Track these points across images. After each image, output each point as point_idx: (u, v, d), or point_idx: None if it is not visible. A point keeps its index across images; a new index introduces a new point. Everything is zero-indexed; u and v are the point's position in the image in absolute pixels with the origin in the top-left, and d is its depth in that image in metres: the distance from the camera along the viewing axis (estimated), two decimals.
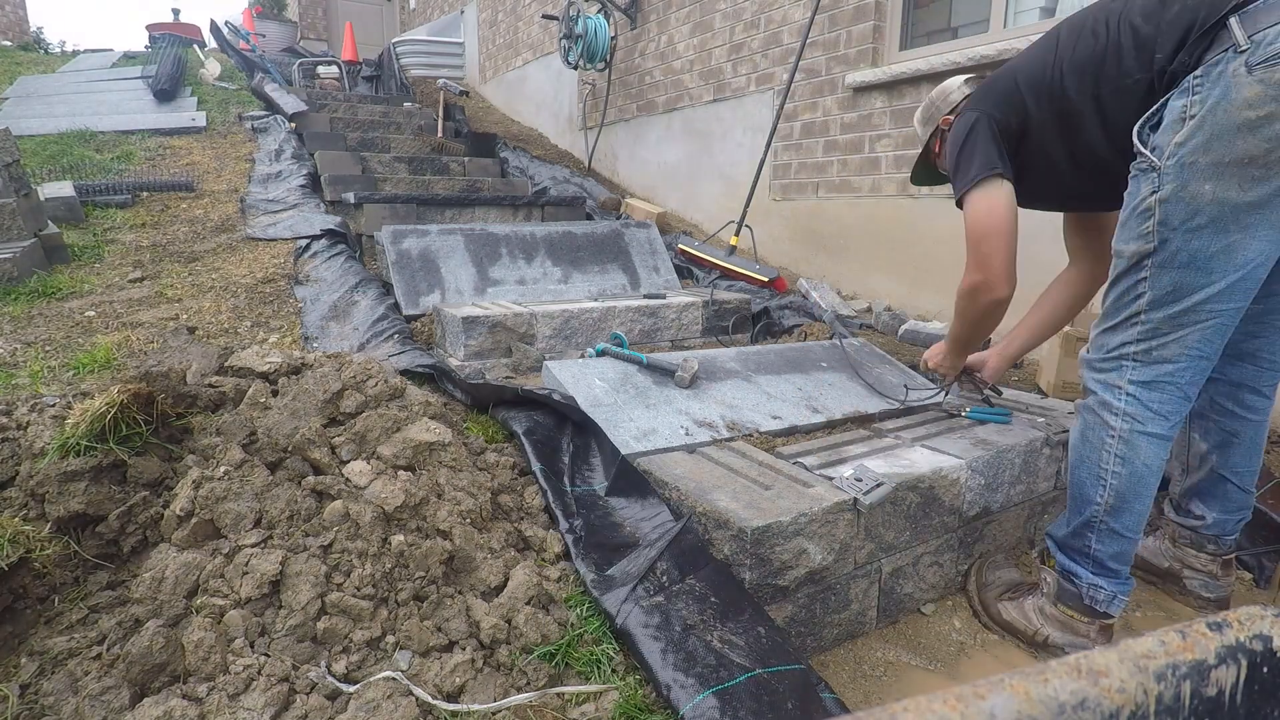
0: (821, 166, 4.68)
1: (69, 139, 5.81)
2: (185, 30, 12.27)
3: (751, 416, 2.50)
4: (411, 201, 4.81)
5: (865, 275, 4.49)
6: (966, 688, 0.47)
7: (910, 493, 2.03)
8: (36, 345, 2.81)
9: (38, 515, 1.65)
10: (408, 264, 3.74)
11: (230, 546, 1.62)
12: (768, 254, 5.03)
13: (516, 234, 4.14)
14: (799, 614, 1.86)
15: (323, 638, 1.52)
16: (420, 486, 1.80)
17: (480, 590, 1.71)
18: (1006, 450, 2.29)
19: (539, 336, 3.25)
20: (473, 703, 1.46)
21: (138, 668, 1.39)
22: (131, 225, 4.45)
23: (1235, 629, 0.56)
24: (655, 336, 3.61)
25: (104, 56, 9.44)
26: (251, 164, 5.70)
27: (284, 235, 4.34)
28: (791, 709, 1.43)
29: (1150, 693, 0.50)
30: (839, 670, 1.89)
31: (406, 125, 7.28)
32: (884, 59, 4.28)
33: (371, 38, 13.65)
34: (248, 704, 1.37)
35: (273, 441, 1.87)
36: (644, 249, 4.51)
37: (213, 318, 3.25)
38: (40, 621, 1.53)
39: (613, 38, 6.32)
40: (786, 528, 1.77)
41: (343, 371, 2.14)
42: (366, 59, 10.68)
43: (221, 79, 8.20)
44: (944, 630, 2.08)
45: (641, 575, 1.70)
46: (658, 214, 5.65)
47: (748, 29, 5.14)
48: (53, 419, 1.84)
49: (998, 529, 2.33)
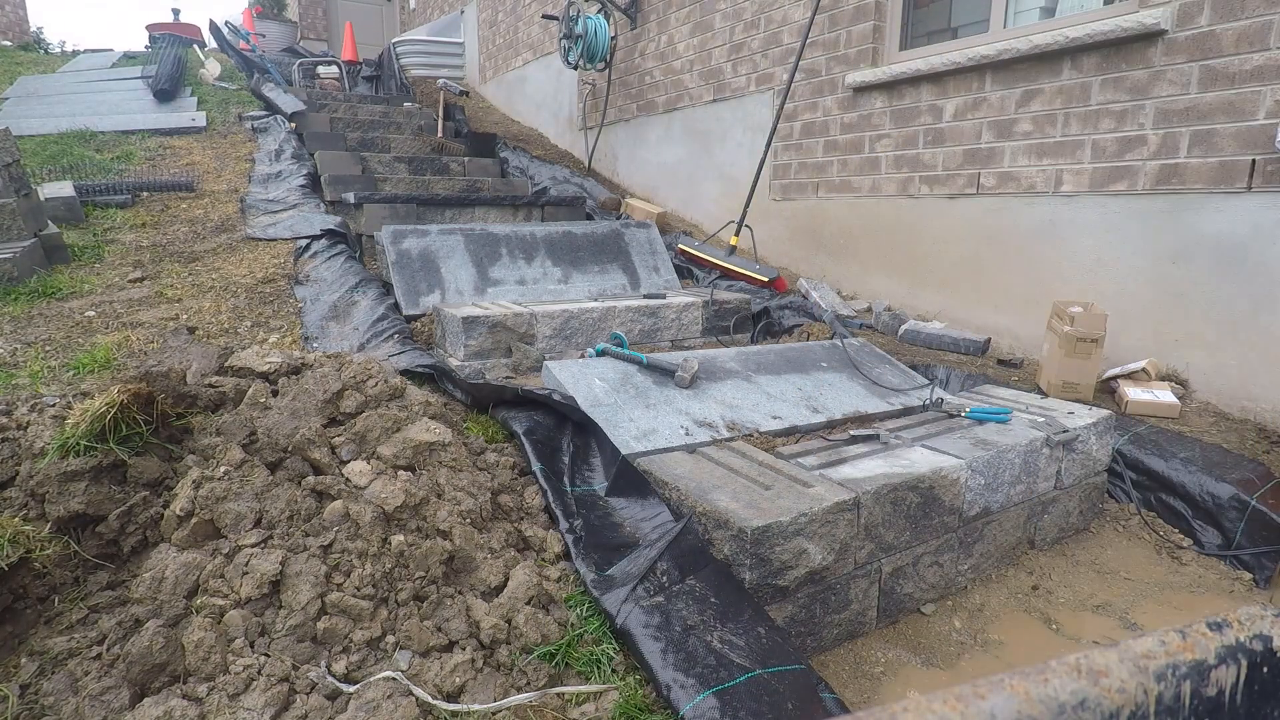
0: (821, 166, 4.68)
1: (69, 139, 5.81)
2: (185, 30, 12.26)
3: (751, 416, 2.50)
4: (411, 201, 4.81)
5: (865, 275, 4.49)
6: (966, 687, 0.47)
7: (910, 493, 2.03)
8: (36, 345, 2.81)
9: (38, 515, 1.65)
10: (408, 264, 3.74)
11: (230, 546, 1.62)
12: (768, 254, 5.03)
13: (516, 234, 4.13)
14: (799, 614, 1.86)
15: (323, 638, 1.52)
16: (420, 486, 1.80)
17: (480, 590, 1.71)
18: (1006, 450, 2.29)
19: (539, 336, 3.25)
20: (473, 703, 1.46)
21: (138, 668, 1.39)
22: (131, 225, 4.45)
23: (1235, 629, 0.56)
24: (655, 336, 3.61)
25: (104, 57, 9.44)
26: (251, 164, 5.70)
27: (284, 235, 4.34)
28: (791, 709, 1.43)
29: (1150, 693, 0.50)
30: (839, 670, 1.89)
31: (406, 125, 7.28)
32: (884, 59, 4.28)
33: (371, 38, 13.65)
34: (248, 704, 1.36)
35: (273, 441, 1.87)
36: (644, 249, 4.51)
37: (213, 318, 3.25)
38: (40, 621, 1.53)
39: (613, 38, 6.32)
40: (786, 528, 1.77)
41: (343, 371, 2.14)
42: (366, 59, 10.67)
43: (221, 79, 8.20)
44: (944, 630, 2.08)
45: (642, 575, 1.70)
46: (658, 214, 5.65)
47: (748, 29, 5.14)
48: (53, 419, 1.84)
49: (998, 529, 2.33)
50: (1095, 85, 3.25)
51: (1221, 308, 2.96)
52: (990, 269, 3.78)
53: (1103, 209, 3.29)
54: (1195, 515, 2.49)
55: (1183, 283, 3.06)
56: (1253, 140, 2.80)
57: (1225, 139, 2.88)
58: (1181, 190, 3.02)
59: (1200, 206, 2.98)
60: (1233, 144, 2.86)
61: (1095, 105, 3.26)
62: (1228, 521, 2.40)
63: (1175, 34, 2.99)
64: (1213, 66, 2.89)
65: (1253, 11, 2.77)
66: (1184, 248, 3.05)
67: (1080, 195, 3.36)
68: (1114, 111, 3.20)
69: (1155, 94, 3.07)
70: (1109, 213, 3.27)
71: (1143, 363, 3.09)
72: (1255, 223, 2.83)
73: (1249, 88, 2.80)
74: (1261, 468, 2.54)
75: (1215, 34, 2.87)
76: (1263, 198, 2.80)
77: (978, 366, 3.44)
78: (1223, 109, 2.88)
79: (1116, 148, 3.21)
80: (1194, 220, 3.00)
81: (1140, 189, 3.15)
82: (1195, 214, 3.00)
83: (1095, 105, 3.26)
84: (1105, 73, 3.21)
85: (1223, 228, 2.92)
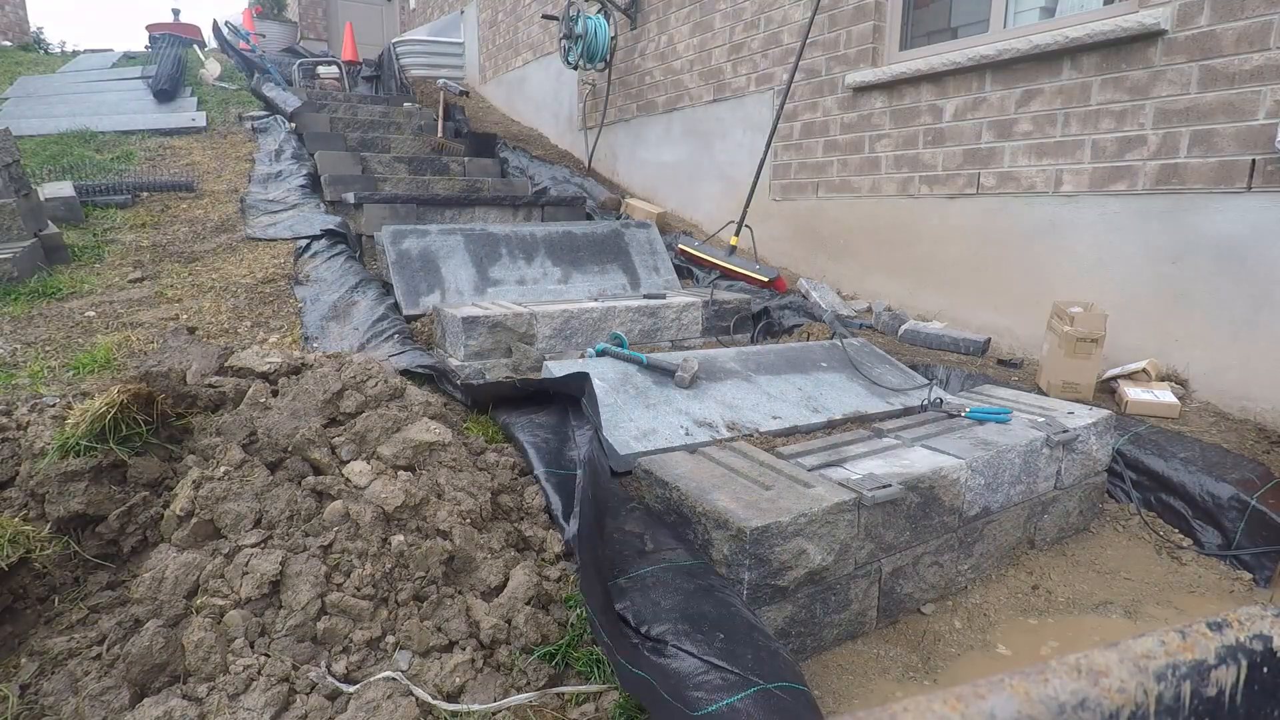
0: (821, 166, 4.68)
1: (69, 139, 5.81)
2: (185, 30, 12.25)
3: (752, 416, 2.50)
4: (411, 201, 4.81)
5: (865, 275, 4.49)
6: (966, 688, 0.47)
7: (910, 493, 2.03)
8: (36, 345, 2.81)
9: (38, 515, 1.65)
10: (408, 264, 3.74)
11: (230, 547, 1.62)
12: (768, 254, 5.03)
13: (516, 234, 4.13)
14: (799, 614, 1.86)
15: (323, 638, 1.52)
16: (420, 486, 1.80)
17: (480, 590, 1.71)
18: (1006, 450, 2.29)
19: (539, 336, 3.25)
20: (473, 703, 1.46)
21: (138, 668, 1.39)
22: (131, 225, 4.45)
23: (1235, 629, 0.56)
24: (655, 336, 3.61)
25: (104, 57, 9.44)
26: (251, 164, 5.70)
27: (284, 235, 4.34)
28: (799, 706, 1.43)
29: (1150, 693, 0.50)
30: (839, 670, 1.89)
31: (406, 125, 7.28)
32: (884, 59, 4.28)
33: (371, 38, 13.65)
34: (248, 704, 1.36)
35: (273, 441, 1.87)
36: (644, 249, 4.51)
37: (213, 318, 3.25)
38: (40, 621, 1.52)
39: (613, 38, 6.32)
40: (786, 528, 1.77)
41: (343, 372, 2.14)
42: (366, 59, 10.67)
43: (221, 79, 8.20)
44: (944, 630, 2.08)
45: None
46: (658, 214, 5.65)
47: (748, 29, 5.14)
48: (53, 419, 1.84)
49: (998, 529, 2.33)
50: (1095, 85, 3.25)
51: (1221, 308, 2.96)
52: (990, 269, 3.78)
53: (1103, 209, 3.29)
54: (1195, 515, 2.49)
55: (1183, 283, 3.06)
56: (1253, 140, 2.80)
57: (1225, 139, 2.88)
58: (1181, 190, 3.02)
59: (1200, 206, 2.98)
60: (1232, 144, 2.86)
61: (1095, 105, 3.26)
62: (1228, 521, 2.40)
63: (1175, 34, 2.99)
64: (1213, 66, 2.89)
65: (1253, 11, 2.77)
66: (1184, 248, 3.05)
67: (1080, 195, 3.36)
68: (1114, 111, 3.20)
69: (1155, 94, 3.07)
70: (1109, 213, 3.27)
71: (1143, 363, 3.09)
72: (1255, 223, 2.83)
73: (1249, 88, 2.80)
74: (1261, 468, 2.54)
75: (1215, 34, 2.87)
76: (1263, 198, 2.80)
77: (978, 366, 3.44)
78: (1223, 109, 2.88)
79: (1116, 148, 3.21)
80: (1194, 220, 3.00)
81: (1140, 189, 3.15)
82: (1195, 214, 3.00)
83: (1095, 105, 3.26)
84: (1105, 73, 3.21)
85: (1223, 228, 2.92)
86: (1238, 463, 2.55)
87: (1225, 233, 2.92)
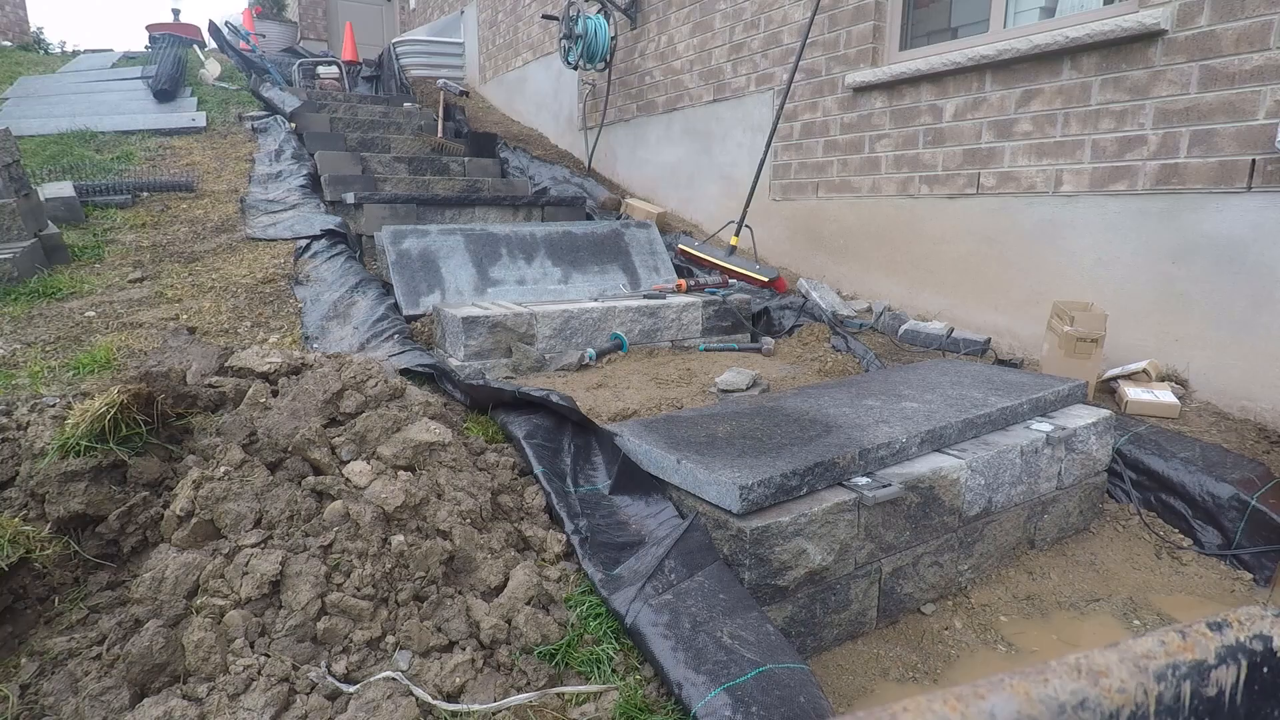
0: (821, 166, 4.68)
1: (69, 139, 5.81)
2: (185, 30, 12.25)
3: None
4: (411, 202, 4.81)
5: (865, 275, 4.49)
6: (966, 688, 0.47)
7: (910, 493, 2.03)
8: (36, 345, 2.81)
9: (38, 515, 1.65)
10: (408, 264, 3.74)
11: (230, 547, 1.62)
12: (768, 254, 5.03)
13: (516, 234, 4.13)
14: (799, 614, 1.86)
15: (323, 638, 1.52)
16: (420, 487, 1.80)
17: (480, 590, 1.71)
18: (1007, 450, 2.28)
19: (539, 336, 3.25)
20: (473, 703, 1.46)
21: (138, 668, 1.39)
22: (131, 225, 4.45)
23: (1235, 629, 0.56)
24: (655, 336, 3.61)
25: (104, 57, 9.43)
26: (251, 164, 5.70)
27: (284, 235, 4.34)
28: (804, 703, 1.43)
29: (1150, 693, 0.50)
30: (839, 670, 1.89)
31: (406, 125, 7.27)
32: (884, 59, 4.28)
33: (371, 38, 13.64)
34: (248, 704, 1.36)
35: (273, 442, 1.87)
36: (644, 249, 4.51)
37: (213, 318, 3.25)
38: (40, 621, 1.53)
39: (613, 38, 6.31)
40: (786, 528, 1.77)
41: (343, 372, 2.14)
42: (366, 59, 10.67)
43: (221, 79, 8.20)
44: (944, 630, 2.08)
45: (650, 573, 1.70)
46: (658, 214, 5.65)
47: (748, 29, 5.14)
48: (53, 419, 1.84)
49: (998, 529, 2.33)
50: (1095, 85, 3.25)
51: (1221, 308, 2.96)
52: (990, 269, 3.78)
53: (1102, 209, 3.29)
54: (1195, 515, 2.49)
55: (1183, 282, 3.06)
56: (1253, 140, 2.80)
57: (1225, 139, 2.88)
58: (1181, 190, 3.02)
59: (1200, 206, 2.98)
60: (1232, 144, 2.86)
61: (1095, 105, 3.26)
62: (1228, 521, 2.40)
63: (1175, 34, 2.99)
64: (1212, 66, 2.89)
65: (1253, 11, 2.77)
66: (1184, 247, 3.05)
67: (1080, 195, 3.36)
68: (1114, 111, 3.20)
69: (1155, 94, 3.06)
70: (1109, 213, 3.27)
71: (1143, 363, 3.09)
72: (1255, 222, 2.83)
73: (1249, 88, 2.80)
74: (1261, 468, 2.54)
75: (1215, 34, 2.87)
76: (1263, 197, 2.80)
77: None
78: (1222, 109, 2.88)
79: (1116, 148, 3.21)
80: (1194, 220, 3.00)
81: (1140, 189, 3.15)
82: (1195, 214, 3.00)
83: (1095, 105, 3.26)
84: (1105, 73, 3.21)
85: (1223, 227, 2.92)
86: (1238, 462, 2.55)
87: (1225, 233, 2.92)
